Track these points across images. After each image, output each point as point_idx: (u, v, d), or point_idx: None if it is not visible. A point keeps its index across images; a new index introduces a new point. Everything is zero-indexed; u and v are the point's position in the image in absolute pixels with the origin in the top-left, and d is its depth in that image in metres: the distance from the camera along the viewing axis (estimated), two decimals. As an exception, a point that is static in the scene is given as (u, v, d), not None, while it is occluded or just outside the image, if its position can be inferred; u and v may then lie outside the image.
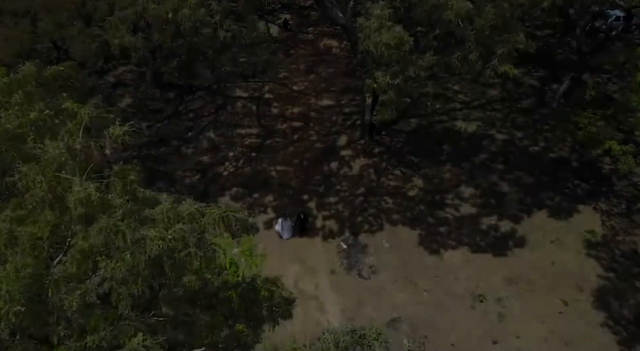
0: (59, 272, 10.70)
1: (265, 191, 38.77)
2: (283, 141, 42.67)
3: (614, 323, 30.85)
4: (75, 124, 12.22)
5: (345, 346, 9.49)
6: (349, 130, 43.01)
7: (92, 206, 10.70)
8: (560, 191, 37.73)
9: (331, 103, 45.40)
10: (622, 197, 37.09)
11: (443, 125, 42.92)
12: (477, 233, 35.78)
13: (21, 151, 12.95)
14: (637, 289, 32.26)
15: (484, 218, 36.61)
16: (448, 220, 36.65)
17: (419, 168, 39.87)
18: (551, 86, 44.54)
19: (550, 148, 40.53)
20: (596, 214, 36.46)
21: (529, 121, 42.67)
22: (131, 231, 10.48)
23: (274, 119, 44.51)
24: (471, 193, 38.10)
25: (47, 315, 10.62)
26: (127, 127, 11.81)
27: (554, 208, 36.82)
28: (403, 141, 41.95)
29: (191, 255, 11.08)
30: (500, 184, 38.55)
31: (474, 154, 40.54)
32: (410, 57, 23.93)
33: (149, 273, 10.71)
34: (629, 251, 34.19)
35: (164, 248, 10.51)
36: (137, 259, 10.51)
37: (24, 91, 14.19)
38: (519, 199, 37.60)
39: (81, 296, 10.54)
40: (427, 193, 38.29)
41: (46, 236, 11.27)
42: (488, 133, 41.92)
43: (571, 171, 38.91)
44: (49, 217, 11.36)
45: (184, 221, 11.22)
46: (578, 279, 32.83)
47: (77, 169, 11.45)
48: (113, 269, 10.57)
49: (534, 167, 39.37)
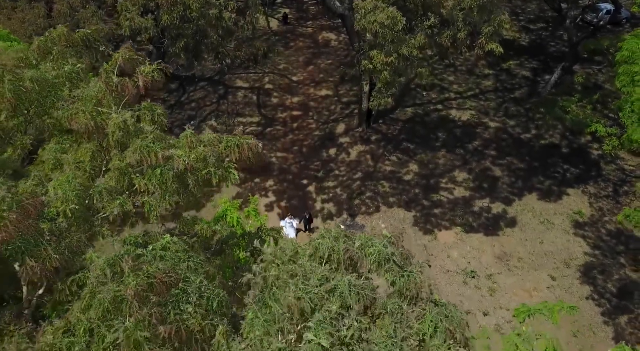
0: (101, 185, 13.10)
1: (266, 176, 41.09)
2: (283, 129, 45.05)
3: (599, 296, 33.21)
4: (110, 64, 14.65)
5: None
6: (347, 118, 45.43)
7: (127, 130, 13.10)
8: (550, 176, 40.15)
9: (329, 93, 47.88)
10: (609, 180, 39.52)
11: (438, 114, 45.39)
12: (470, 214, 38.11)
13: (59, 96, 15.37)
14: (622, 265, 34.64)
15: (476, 201, 38.96)
16: (442, 202, 38.97)
17: (414, 154, 42.27)
18: (543, 77, 47.09)
19: (542, 135, 42.98)
20: (584, 196, 38.86)
21: (521, 109, 45.15)
22: (161, 150, 12.87)
23: (274, 108, 46.92)
24: (464, 177, 40.48)
25: (94, 217, 13.02)
26: (155, 66, 14.23)
27: (544, 191, 39.22)
28: (399, 128, 44.36)
29: (211, 173, 13.50)
30: (492, 169, 40.95)
31: (468, 141, 42.98)
32: (404, 36, 26.40)
33: (175, 189, 13.10)
34: (615, 231, 36.54)
35: (189, 165, 12.91)
36: (166, 175, 12.91)
37: (58, 48, 16.63)
38: (510, 182, 40.00)
39: (120, 204, 12.97)
40: (422, 177, 40.66)
41: (87, 160, 13.70)
42: (481, 121, 44.39)
43: (561, 157, 41.35)
44: (89, 146, 13.79)
45: (204, 145, 13.63)
46: (565, 257, 35.18)
47: (113, 104, 13.86)
48: (146, 184, 12.97)
49: (526, 153, 41.82)
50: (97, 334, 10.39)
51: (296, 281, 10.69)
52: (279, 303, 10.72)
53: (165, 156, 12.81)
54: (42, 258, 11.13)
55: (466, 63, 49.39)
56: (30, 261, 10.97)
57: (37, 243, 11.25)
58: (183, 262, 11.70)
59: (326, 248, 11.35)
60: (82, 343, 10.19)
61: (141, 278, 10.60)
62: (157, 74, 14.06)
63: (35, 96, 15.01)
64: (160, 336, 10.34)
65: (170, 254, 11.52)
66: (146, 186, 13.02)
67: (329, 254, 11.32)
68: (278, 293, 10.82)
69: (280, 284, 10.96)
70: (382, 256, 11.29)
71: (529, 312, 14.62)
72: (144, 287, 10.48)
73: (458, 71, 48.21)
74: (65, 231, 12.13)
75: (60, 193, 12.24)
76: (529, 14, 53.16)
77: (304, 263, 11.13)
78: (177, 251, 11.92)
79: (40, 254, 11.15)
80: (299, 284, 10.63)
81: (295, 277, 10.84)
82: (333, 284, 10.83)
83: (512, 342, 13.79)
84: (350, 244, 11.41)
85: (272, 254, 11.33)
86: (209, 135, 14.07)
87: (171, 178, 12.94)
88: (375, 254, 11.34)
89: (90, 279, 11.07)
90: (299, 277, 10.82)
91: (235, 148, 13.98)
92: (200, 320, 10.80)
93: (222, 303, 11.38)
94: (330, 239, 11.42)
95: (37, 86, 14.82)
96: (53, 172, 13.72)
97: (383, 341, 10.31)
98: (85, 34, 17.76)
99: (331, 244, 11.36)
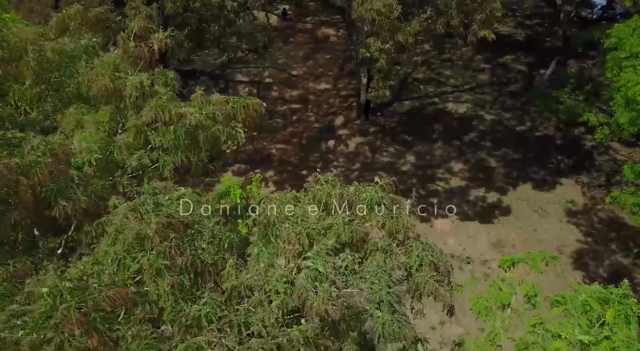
0: (120, 140, 14.79)
1: (266, 167, 42.77)
2: (283, 122, 46.73)
3: (591, 281, 34.70)
4: (127, 33, 16.36)
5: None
6: (346, 111, 47.17)
7: (143, 91, 14.81)
8: (544, 166, 41.86)
9: (328, 87, 49.64)
10: (602, 171, 41.25)
11: (435, 107, 47.14)
12: (466, 204, 39.77)
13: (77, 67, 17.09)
14: (613, 251, 36.29)
15: (472, 190, 40.65)
16: (438, 192, 40.66)
17: (411, 146, 43.98)
18: (539, 71, 48.80)
19: (537, 127, 44.74)
20: (577, 186, 40.58)
21: (516, 103, 46.92)
22: (174, 108, 14.57)
23: (274, 101, 48.60)
24: (460, 168, 42.19)
25: (115, 169, 14.68)
26: (169, 32, 15.97)
27: (538, 181, 40.93)
28: (397, 121, 46.09)
29: (219, 131, 15.19)
30: (488, 160, 42.67)
31: (464, 133, 44.72)
32: (399, 24, 28.16)
33: (186, 146, 14.78)
34: (607, 219, 38.22)
35: (200, 122, 14.60)
36: (179, 131, 14.60)
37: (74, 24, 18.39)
38: (505, 173, 41.71)
39: (137, 158, 14.65)
40: (419, 168, 42.36)
41: (106, 121, 15.39)
42: (478, 114, 46.16)
43: (555, 148, 43.09)
44: (107, 108, 15.50)
45: (213, 104, 15.32)
46: (558, 243, 36.82)
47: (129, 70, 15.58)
48: (160, 141, 14.66)
49: (521, 144, 43.53)
50: (122, 264, 12.03)
51: (296, 219, 12.35)
52: (280, 238, 12.38)
53: (178, 113, 14.49)
54: (72, 199, 12.78)
55: (463, 58, 51.14)
56: (63, 201, 12.63)
57: (67, 186, 12.92)
58: (197, 209, 13.37)
59: (323, 193, 13.02)
60: (110, 271, 11.80)
61: (161, 217, 12.26)
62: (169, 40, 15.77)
63: (55, 66, 16.71)
64: (178, 267, 11.97)
65: (185, 201, 13.20)
66: (161, 143, 14.70)
67: (326, 199, 12.99)
68: (280, 229, 12.48)
69: (281, 222, 12.61)
70: (374, 200, 12.96)
71: (513, 261, 16.24)
72: (164, 224, 12.14)
73: (455, 65, 50.00)
74: (90, 179, 13.80)
75: (85, 144, 13.92)
76: (525, 10, 54.99)
77: (304, 205, 12.80)
78: (191, 200, 13.59)
79: (70, 196, 12.82)
80: (298, 221, 12.30)
81: (295, 216, 12.50)
82: (329, 222, 12.51)
83: (496, 285, 15.43)
84: (346, 190, 13.09)
85: (275, 198, 13.00)
86: (217, 96, 15.79)
87: (183, 135, 14.62)
88: (367, 198, 13.01)
89: (115, 221, 12.73)
90: (298, 216, 12.48)
91: (241, 108, 15.64)
92: (214, 255, 12.45)
93: (232, 243, 13.03)
94: (327, 185, 13.10)
95: (58, 56, 16.52)
96: (75, 132, 15.38)
97: (373, 270, 11.96)
98: (98, 13, 19.49)
99: (328, 190, 13.04)
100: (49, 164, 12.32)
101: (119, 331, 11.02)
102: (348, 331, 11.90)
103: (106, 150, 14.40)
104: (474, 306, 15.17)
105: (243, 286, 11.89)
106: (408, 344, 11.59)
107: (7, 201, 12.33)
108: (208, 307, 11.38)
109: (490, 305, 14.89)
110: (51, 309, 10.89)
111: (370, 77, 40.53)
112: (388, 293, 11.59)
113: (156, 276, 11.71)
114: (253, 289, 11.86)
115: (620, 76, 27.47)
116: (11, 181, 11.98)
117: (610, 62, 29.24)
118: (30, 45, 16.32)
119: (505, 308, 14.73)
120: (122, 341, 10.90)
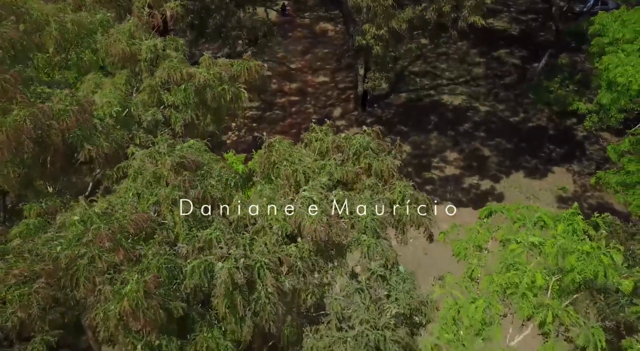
0: (136, 98, 16.93)
1: (264, 156, 44.74)
2: (282, 113, 48.94)
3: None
4: (141, 2, 18.55)
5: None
6: (343, 103, 49.38)
7: (157, 53, 16.98)
8: (536, 155, 43.99)
9: (326, 80, 51.87)
10: (593, 159, 43.39)
11: (431, 99, 49.35)
12: (460, 191, 41.85)
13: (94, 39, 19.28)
14: (601, 234, 38.24)
15: (466, 178, 42.78)
16: (433, 180, 42.77)
17: (407, 136, 46.07)
18: (532, 64, 51.04)
19: (529, 119, 46.93)
20: (568, 174, 42.69)
21: (510, 95, 49.12)
22: (185, 68, 16.71)
23: (273, 94, 50.83)
24: (455, 157, 44.33)
25: (132, 124, 16.80)
26: (179, 1, 18.20)
27: (531, 169, 43.07)
28: (393, 112, 48.28)
29: (225, 90, 17.34)
30: (482, 149, 44.80)
31: (459, 123, 46.90)
32: (393, 11, 30.33)
33: (195, 104, 16.93)
34: (596, 205, 40.28)
35: (207, 81, 16.75)
36: (189, 90, 16.75)
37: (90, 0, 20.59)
38: (498, 161, 43.83)
39: (152, 114, 16.78)
40: (415, 157, 44.46)
41: (122, 83, 17.54)
42: (472, 106, 48.34)
43: (547, 138, 45.26)
44: (124, 72, 17.67)
45: (219, 66, 17.48)
46: (549, 228, 38.82)
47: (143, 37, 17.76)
48: (172, 99, 16.81)
49: (514, 134, 45.70)
50: (142, 197, 14.12)
51: (293, 160, 14.47)
52: (280, 177, 14.49)
53: (188, 73, 16.65)
54: (96, 145, 14.87)
55: (458, 52, 53.39)
56: (88, 146, 14.71)
57: (92, 133, 14.99)
58: (206, 154, 15.51)
59: (317, 139, 15.14)
60: (132, 202, 13.88)
61: (175, 156, 14.37)
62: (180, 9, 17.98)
63: (74, 36, 18.88)
64: (191, 199, 14.06)
65: (196, 146, 15.34)
66: (172, 101, 16.85)
67: (320, 145, 15.11)
68: (279, 169, 14.59)
69: (280, 162, 14.71)
70: (362, 145, 15.08)
71: (491, 211, 18.32)
72: (178, 163, 14.25)
73: (450, 59, 52.31)
74: (111, 128, 15.89)
75: (105, 99, 16.03)
76: (520, 6, 57.36)
77: (300, 148, 14.92)
78: (199, 148, 15.73)
79: (94, 142, 14.90)
80: (296, 162, 14.41)
81: (292, 157, 14.61)
82: (323, 163, 14.62)
83: (475, 230, 17.49)
84: (338, 137, 15.21)
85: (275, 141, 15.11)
86: (223, 60, 17.97)
87: (192, 93, 16.77)
88: (356, 144, 15.13)
89: (134, 165, 14.85)
90: (295, 157, 14.59)
91: (245, 70, 17.81)
92: (222, 191, 14.55)
93: (237, 183, 15.14)
94: (322, 133, 15.23)
95: (77, 28, 18.70)
96: (94, 93, 17.49)
97: (362, 201, 14.06)
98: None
99: (322, 136, 15.16)
100: (75, 112, 14.38)
101: (141, 250, 13.09)
102: (337, 256, 13.98)
103: (124, 106, 16.47)
104: (455, 248, 17.19)
105: (248, 217, 13.98)
106: (390, 264, 13.66)
107: (41, 143, 14.36)
108: (218, 231, 13.44)
109: (468, 246, 16.90)
110: (83, 232, 12.97)
111: (367, 68, 42.68)
112: (372, 220, 13.67)
113: (172, 206, 13.78)
114: (256, 219, 13.95)
115: (602, 59, 29.59)
116: (44, 124, 14.05)
117: (594, 47, 31.44)
118: (51, 17, 18.47)
119: (482, 250, 16.77)
120: (144, 258, 12.96)
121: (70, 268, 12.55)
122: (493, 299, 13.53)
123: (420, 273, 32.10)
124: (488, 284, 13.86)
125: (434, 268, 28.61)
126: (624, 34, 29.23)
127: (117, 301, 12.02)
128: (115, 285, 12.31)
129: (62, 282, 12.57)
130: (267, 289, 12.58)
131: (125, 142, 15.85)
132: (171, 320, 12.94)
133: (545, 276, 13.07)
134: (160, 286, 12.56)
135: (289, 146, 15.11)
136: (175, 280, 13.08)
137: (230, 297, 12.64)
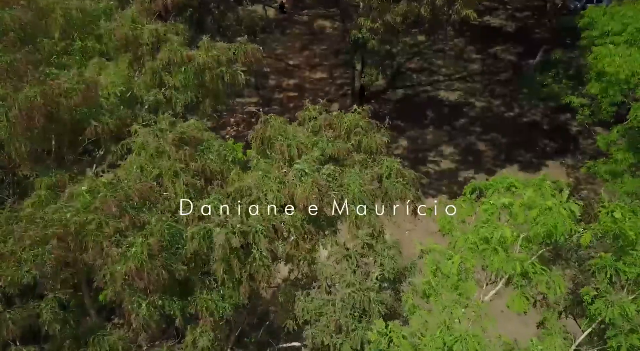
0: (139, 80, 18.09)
1: (262, 151, 45.88)
2: (280, 109, 49.99)
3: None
4: None
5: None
6: (341, 99, 50.48)
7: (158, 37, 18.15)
8: (531, 150, 45.17)
9: (324, 76, 53.05)
10: (586, 153, 44.48)
11: (427, 95, 50.53)
12: (455, 184, 42.95)
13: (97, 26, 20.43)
14: (593, 226, 39.33)
15: (461, 172, 43.93)
16: (429, 173, 43.87)
17: (404, 131, 47.22)
18: (527, 61, 52.22)
19: (524, 114, 48.11)
20: (562, 168, 43.83)
21: (506, 91, 50.29)
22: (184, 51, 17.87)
23: (272, 90, 52.07)
24: (451, 151, 45.49)
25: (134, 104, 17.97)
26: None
27: (525, 163, 44.22)
28: (390, 108, 49.46)
29: (223, 72, 18.51)
30: (477, 144, 45.96)
31: (455, 119, 48.07)
32: (388, 5, 31.48)
33: (195, 85, 18.09)
34: (588, 198, 41.34)
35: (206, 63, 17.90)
36: (189, 71, 17.90)
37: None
38: (493, 156, 44.98)
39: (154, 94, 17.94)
40: (411, 152, 45.62)
41: (125, 67, 18.70)
42: (468, 101, 49.49)
43: (542, 133, 46.39)
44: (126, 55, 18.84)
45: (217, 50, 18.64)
46: (542, 220, 39.86)
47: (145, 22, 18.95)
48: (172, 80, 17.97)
49: (509, 129, 46.85)
50: (145, 169, 15.27)
51: (287, 135, 15.60)
52: (275, 152, 15.62)
53: (188, 55, 17.83)
54: (102, 122, 16.02)
55: (455, 48, 54.59)
56: (94, 122, 15.86)
57: (97, 111, 16.15)
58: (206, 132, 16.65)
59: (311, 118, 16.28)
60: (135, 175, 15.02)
61: (176, 132, 15.52)
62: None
63: (79, 23, 20.04)
64: (191, 171, 15.20)
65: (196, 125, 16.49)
66: (173, 83, 18.03)
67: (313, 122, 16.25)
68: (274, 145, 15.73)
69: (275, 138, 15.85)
70: (353, 123, 16.22)
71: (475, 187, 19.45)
72: (179, 137, 15.40)
73: (447, 55, 53.49)
74: (115, 107, 17.06)
75: (110, 79, 17.19)
76: (516, 3, 58.62)
77: (294, 126, 16.06)
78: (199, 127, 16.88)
79: (100, 119, 16.05)
80: (289, 137, 15.55)
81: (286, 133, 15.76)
82: (315, 139, 15.76)
83: (459, 205, 18.60)
84: (330, 115, 16.35)
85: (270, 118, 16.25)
86: (221, 44, 19.15)
87: (192, 75, 17.94)
88: (347, 122, 16.26)
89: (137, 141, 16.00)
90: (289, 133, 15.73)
91: (242, 53, 18.99)
92: (220, 165, 15.70)
93: (235, 159, 16.28)
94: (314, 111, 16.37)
95: (81, 14, 19.87)
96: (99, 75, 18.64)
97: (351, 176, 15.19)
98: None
99: (315, 114, 16.30)
100: (82, 90, 15.53)
101: (145, 217, 14.23)
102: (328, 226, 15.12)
103: (128, 87, 17.62)
104: (440, 223, 18.28)
105: (244, 188, 15.10)
106: (377, 232, 14.79)
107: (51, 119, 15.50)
108: (216, 201, 14.58)
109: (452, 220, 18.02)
110: (91, 201, 14.12)
111: (364, 63, 43.85)
112: (360, 192, 14.80)
113: (174, 177, 14.92)
114: (252, 190, 15.08)
115: (593, 50, 30.71)
116: (54, 101, 15.19)
117: (584, 40, 32.62)
118: (57, 5, 19.64)
119: (465, 223, 17.86)
120: (148, 224, 14.10)
121: (79, 232, 13.68)
122: (468, 255, 14.63)
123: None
124: (463, 242, 14.95)
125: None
126: (612, 27, 30.38)
127: (123, 262, 13.17)
128: (122, 248, 13.45)
129: (71, 246, 13.70)
130: (261, 252, 13.71)
131: (129, 120, 16.99)
132: (173, 283, 14.09)
133: (513, 232, 14.28)
134: (163, 250, 13.70)
135: (283, 123, 16.25)
136: (177, 245, 14.22)
137: (228, 261, 13.76)
